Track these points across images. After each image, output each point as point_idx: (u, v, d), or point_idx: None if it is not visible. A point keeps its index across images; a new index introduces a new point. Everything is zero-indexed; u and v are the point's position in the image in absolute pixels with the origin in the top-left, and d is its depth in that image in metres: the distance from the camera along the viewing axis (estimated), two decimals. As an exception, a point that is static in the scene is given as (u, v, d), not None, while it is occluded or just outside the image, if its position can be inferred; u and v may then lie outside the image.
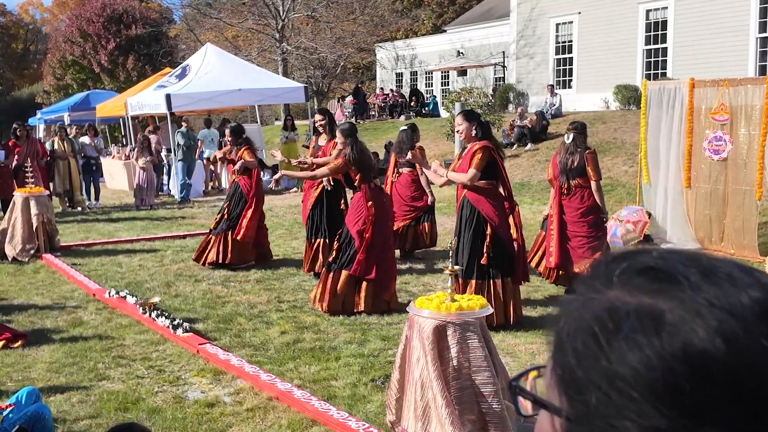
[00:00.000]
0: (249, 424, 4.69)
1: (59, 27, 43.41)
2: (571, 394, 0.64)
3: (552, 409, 0.67)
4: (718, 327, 0.60)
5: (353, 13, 31.38)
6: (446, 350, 4.01)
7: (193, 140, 17.73)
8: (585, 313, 0.65)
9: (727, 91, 9.43)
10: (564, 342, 0.66)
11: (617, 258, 0.69)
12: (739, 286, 0.63)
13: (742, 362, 0.59)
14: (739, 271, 0.65)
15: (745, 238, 9.40)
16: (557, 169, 7.72)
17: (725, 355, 0.59)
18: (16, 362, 5.90)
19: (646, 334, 0.61)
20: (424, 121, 23.02)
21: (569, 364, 0.64)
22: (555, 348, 0.67)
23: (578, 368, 0.63)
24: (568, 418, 0.65)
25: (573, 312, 0.67)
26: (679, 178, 10.04)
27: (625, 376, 0.60)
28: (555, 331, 0.68)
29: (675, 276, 0.64)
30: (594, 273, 0.69)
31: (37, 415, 4.08)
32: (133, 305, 7.25)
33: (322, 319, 7.02)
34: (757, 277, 0.65)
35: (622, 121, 17.80)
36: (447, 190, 15.80)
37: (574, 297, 0.68)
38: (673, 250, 0.69)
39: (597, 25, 21.56)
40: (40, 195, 10.37)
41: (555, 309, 0.71)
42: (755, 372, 0.59)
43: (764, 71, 16.62)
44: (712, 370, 0.59)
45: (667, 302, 0.62)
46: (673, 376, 0.59)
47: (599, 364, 0.62)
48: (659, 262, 0.66)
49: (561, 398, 0.65)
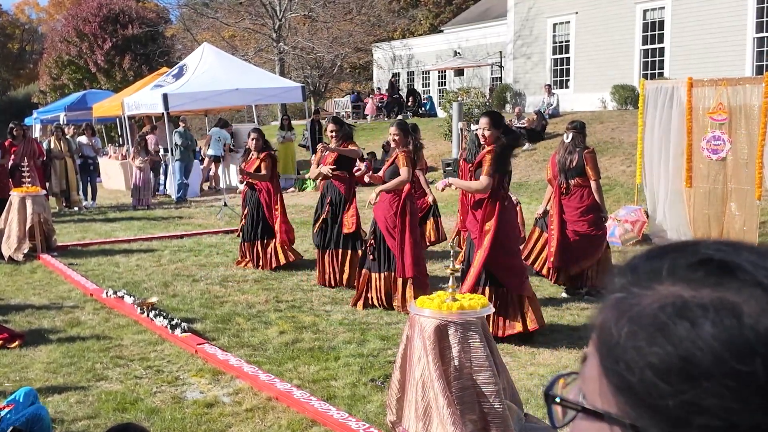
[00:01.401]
0: (248, 424, 4.66)
1: (55, 27, 43.28)
2: (636, 399, 0.59)
3: (610, 418, 0.62)
4: None
5: (350, 13, 31.34)
6: (447, 350, 3.99)
7: (191, 140, 17.70)
8: (640, 310, 0.61)
9: (725, 90, 9.42)
10: (619, 343, 0.61)
11: (661, 252, 0.65)
12: None
13: None
14: None
15: (746, 238, 9.40)
16: (556, 169, 7.71)
17: None
18: (13, 362, 5.87)
19: (728, 326, 0.57)
20: (421, 121, 23.00)
21: (631, 366, 0.59)
22: (606, 351, 0.62)
23: (646, 368, 0.59)
24: (633, 425, 0.60)
25: (621, 310, 0.62)
26: (677, 178, 10.04)
27: (709, 372, 0.56)
28: (601, 332, 0.63)
29: (734, 266, 0.61)
30: (631, 270, 0.65)
31: (35, 416, 4.06)
32: (131, 305, 7.22)
33: (321, 318, 7.00)
34: None
35: (620, 120, 17.80)
36: (446, 190, 15.77)
37: (615, 296, 0.64)
38: (725, 240, 0.65)
39: (594, 25, 21.57)
40: (37, 195, 10.33)
41: (595, 311, 0.67)
42: None
43: (761, 71, 16.62)
44: None
45: (736, 294, 0.59)
46: (764, 367, 0.56)
47: (674, 362, 0.58)
48: (714, 253, 0.63)
49: (621, 405, 0.61)
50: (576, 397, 0.66)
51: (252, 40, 31.99)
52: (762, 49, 18.07)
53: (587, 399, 0.65)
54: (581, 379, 0.67)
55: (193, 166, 17.71)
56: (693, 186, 9.86)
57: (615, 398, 0.62)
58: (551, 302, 7.42)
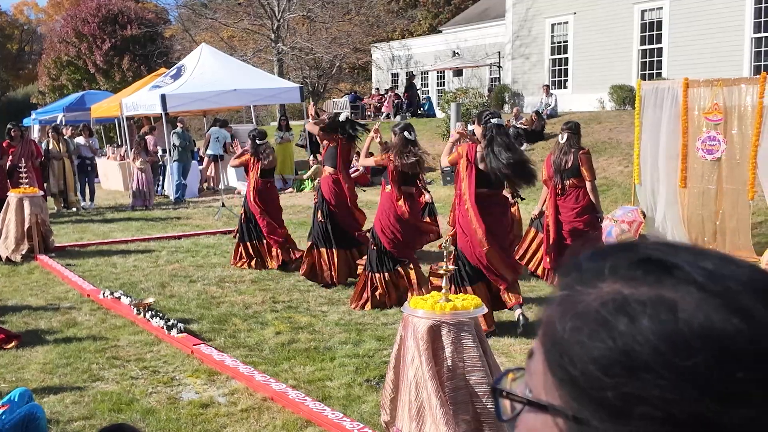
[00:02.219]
0: (243, 424, 4.67)
1: (54, 27, 43.30)
2: (578, 392, 0.61)
3: (554, 410, 0.64)
4: (731, 308, 0.60)
5: (349, 13, 31.34)
6: (441, 350, 4.00)
7: (189, 140, 17.70)
8: (584, 306, 0.63)
9: (720, 91, 9.44)
10: (564, 337, 0.63)
11: (604, 252, 0.68)
12: (732, 268, 0.63)
13: (763, 339, 0.59)
14: (722, 255, 0.65)
15: (740, 238, 9.41)
16: (551, 170, 7.72)
17: (746, 334, 0.59)
18: (9, 363, 5.88)
19: (664, 321, 0.59)
20: (420, 121, 23.01)
21: (574, 360, 0.61)
22: (551, 345, 0.64)
23: (588, 362, 0.61)
24: (576, 417, 0.62)
25: (566, 307, 0.64)
26: (673, 178, 10.05)
27: (647, 365, 0.58)
28: (547, 328, 0.66)
29: (671, 265, 0.63)
30: (578, 268, 0.67)
31: (30, 416, 4.06)
32: (128, 306, 7.23)
33: (317, 319, 7.01)
34: (737, 259, 0.65)
35: (618, 121, 17.81)
36: (443, 189, 15.78)
37: (564, 294, 0.66)
38: (664, 241, 0.68)
39: (592, 26, 21.58)
40: (35, 196, 10.34)
41: (541, 310, 0.69)
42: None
43: (759, 71, 16.63)
44: (736, 351, 0.58)
45: (673, 291, 0.61)
46: (699, 360, 0.58)
47: (614, 355, 0.60)
48: (653, 253, 0.65)
49: (564, 397, 0.63)
50: (522, 391, 0.68)
51: (250, 40, 32.01)
52: (760, 49, 18.09)
53: (533, 393, 0.67)
54: (527, 373, 0.69)
55: (191, 166, 17.71)
56: (687, 186, 9.88)
57: (558, 391, 0.63)
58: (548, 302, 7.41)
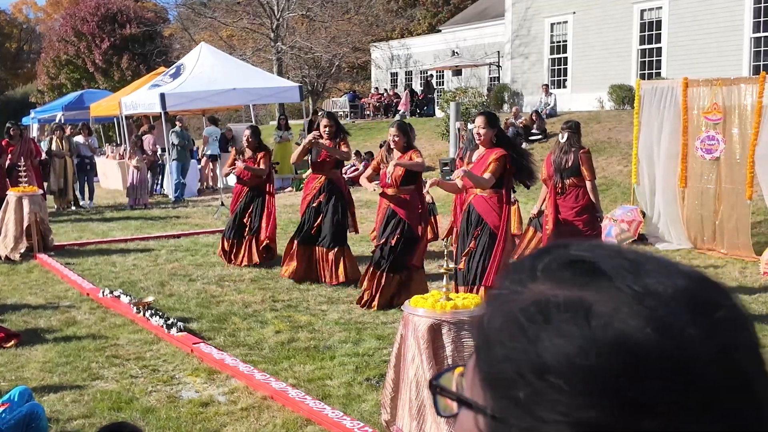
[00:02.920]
0: (243, 423, 4.67)
1: (53, 26, 43.31)
2: (497, 391, 0.62)
3: (475, 407, 0.64)
4: (648, 316, 0.59)
5: (348, 12, 31.36)
6: (441, 349, 4.00)
7: (188, 140, 17.69)
8: (511, 307, 0.64)
9: (720, 90, 9.44)
10: (489, 337, 0.64)
11: (541, 252, 0.68)
12: (665, 276, 0.62)
13: (675, 351, 0.58)
14: (663, 262, 0.65)
15: (739, 238, 9.42)
16: (551, 169, 7.72)
17: (658, 345, 0.58)
18: (9, 362, 5.87)
19: (577, 325, 0.59)
20: (419, 120, 23.02)
21: (495, 359, 0.62)
22: (480, 344, 0.65)
23: (505, 362, 0.61)
24: (493, 416, 0.62)
25: (498, 307, 0.65)
26: (672, 178, 10.06)
27: (556, 369, 0.59)
28: (479, 327, 0.66)
29: (601, 268, 0.63)
30: (517, 268, 0.68)
31: (30, 414, 4.06)
32: (127, 305, 7.22)
33: (316, 318, 7.01)
34: (680, 268, 0.65)
35: (617, 120, 17.82)
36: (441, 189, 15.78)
37: (498, 292, 0.67)
38: (597, 243, 0.68)
39: (592, 25, 21.59)
40: (34, 194, 10.33)
41: (479, 307, 0.70)
42: (688, 361, 0.58)
43: (759, 71, 16.64)
44: (646, 360, 0.58)
45: (595, 294, 0.61)
46: (607, 366, 0.58)
47: (528, 357, 0.60)
48: (584, 254, 0.65)
49: (486, 395, 0.64)
50: (458, 388, 0.69)
51: (250, 39, 32.01)
52: (759, 49, 18.11)
53: (465, 390, 0.68)
54: (465, 370, 0.69)
55: (190, 165, 17.70)
56: (687, 186, 9.89)
57: (482, 389, 0.64)
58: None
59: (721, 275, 8.53)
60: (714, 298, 0.63)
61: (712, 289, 0.64)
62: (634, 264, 0.64)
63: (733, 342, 0.61)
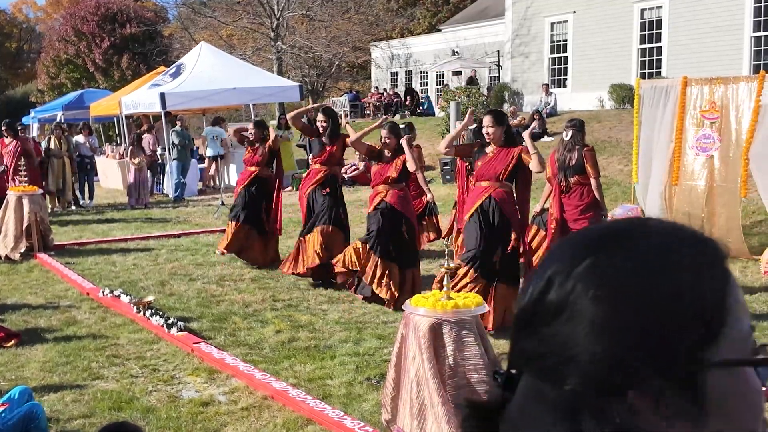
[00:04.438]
0: (244, 423, 4.67)
1: (53, 26, 43.30)
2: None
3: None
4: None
5: (348, 12, 31.35)
6: (442, 348, 4.00)
7: (188, 139, 17.68)
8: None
9: (718, 89, 9.43)
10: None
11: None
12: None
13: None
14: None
15: (730, 236, 9.40)
16: (555, 167, 7.70)
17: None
18: (9, 361, 5.87)
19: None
20: (419, 120, 23.01)
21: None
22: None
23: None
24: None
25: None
26: (666, 176, 10.04)
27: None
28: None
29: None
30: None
31: (30, 414, 4.06)
32: (127, 304, 7.22)
33: (317, 318, 7.00)
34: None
35: (617, 120, 17.82)
36: (442, 189, 15.77)
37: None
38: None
39: (592, 24, 21.58)
40: (34, 194, 10.32)
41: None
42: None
43: (759, 70, 16.64)
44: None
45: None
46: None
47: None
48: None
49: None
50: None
51: (250, 39, 32.01)
52: (759, 48, 18.09)
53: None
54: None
55: (191, 165, 17.70)
56: (679, 183, 9.85)
57: None
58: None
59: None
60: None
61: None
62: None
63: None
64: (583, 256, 0.72)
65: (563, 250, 0.75)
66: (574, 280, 0.71)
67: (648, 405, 0.68)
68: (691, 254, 0.72)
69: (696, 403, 0.68)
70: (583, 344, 0.69)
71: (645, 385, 0.68)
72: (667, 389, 0.68)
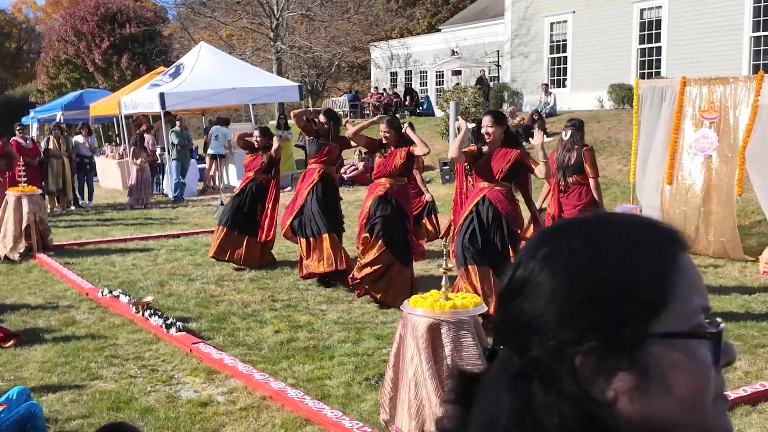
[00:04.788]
0: (242, 423, 4.66)
1: (53, 26, 43.28)
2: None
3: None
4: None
5: (348, 12, 31.34)
6: (440, 349, 3.99)
7: (187, 139, 17.67)
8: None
9: (717, 89, 9.42)
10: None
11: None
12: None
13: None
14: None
15: (724, 235, 9.39)
16: (554, 166, 7.71)
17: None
18: (8, 362, 5.86)
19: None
20: (418, 120, 23.01)
21: None
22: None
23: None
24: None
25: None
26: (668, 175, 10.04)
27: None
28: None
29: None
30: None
31: (28, 414, 4.06)
32: (126, 304, 7.22)
33: (316, 318, 7.00)
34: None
35: (617, 120, 17.82)
36: (441, 189, 15.77)
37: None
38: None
39: (591, 24, 21.58)
40: (33, 194, 10.32)
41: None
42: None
43: (758, 70, 16.64)
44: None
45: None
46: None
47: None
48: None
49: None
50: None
51: (249, 39, 32.01)
52: (759, 48, 18.09)
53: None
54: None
55: (190, 165, 17.69)
56: (677, 183, 9.84)
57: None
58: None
59: (721, 275, 8.52)
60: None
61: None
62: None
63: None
64: (544, 242, 0.84)
65: (533, 239, 0.86)
66: (534, 260, 0.82)
67: (591, 369, 0.76)
68: (641, 238, 0.81)
69: (635, 370, 0.76)
70: (539, 312, 0.79)
71: (589, 350, 0.76)
72: (609, 354, 0.76)
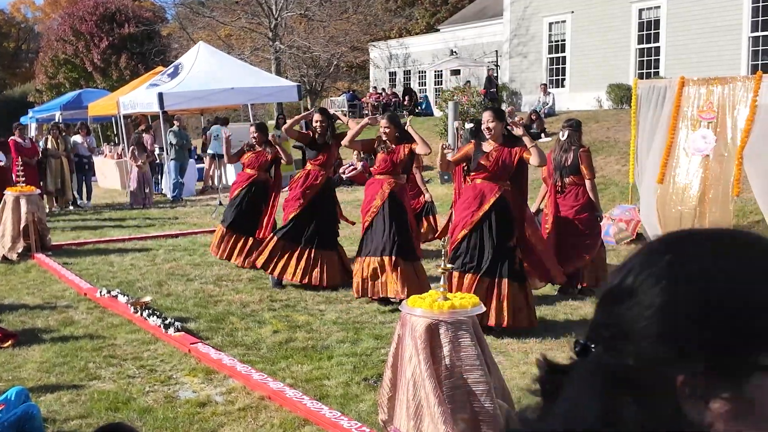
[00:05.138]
0: (241, 423, 4.66)
1: (51, 26, 43.23)
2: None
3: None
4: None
5: (347, 12, 31.31)
6: (438, 349, 3.99)
7: (186, 139, 17.66)
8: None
9: (716, 89, 9.43)
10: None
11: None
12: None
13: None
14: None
15: None
16: (551, 167, 7.71)
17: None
18: (6, 362, 5.86)
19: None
20: (417, 120, 23.01)
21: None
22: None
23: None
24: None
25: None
26: (666, 175, 10.05)
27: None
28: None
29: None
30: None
31: (26, 415, 4.06)
32: (125, 304, 7.21)
33: (314, 318, 7.00)
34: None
35: (615, 120, 17.83)
36: (440, 189, 15.77)
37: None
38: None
39: (590, 25, 21.59)
40: (31, 194, 10.31)
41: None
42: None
43: (757, 70, 16.65)
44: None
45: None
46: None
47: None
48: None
49: None
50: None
51: (248, 39, 31.97)
52: (757, 48, 18.10)
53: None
54: None
55: (188, 165, 17.68)
56: (675, 182, 9.85)
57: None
58: (545, 301, 7.42)
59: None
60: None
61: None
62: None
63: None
64: (663, 253, 0.83)
65: (650, 245, 0.86)
66: (649, 271, 0.81)
67: (691, 391, 0.76)
68: (762, 267, 0.79)
69: (737, 397, 0.75)
70: (643, 324, 0.78)
71: (695, 373, 0.75)
72: (714, 379, 0.75)
